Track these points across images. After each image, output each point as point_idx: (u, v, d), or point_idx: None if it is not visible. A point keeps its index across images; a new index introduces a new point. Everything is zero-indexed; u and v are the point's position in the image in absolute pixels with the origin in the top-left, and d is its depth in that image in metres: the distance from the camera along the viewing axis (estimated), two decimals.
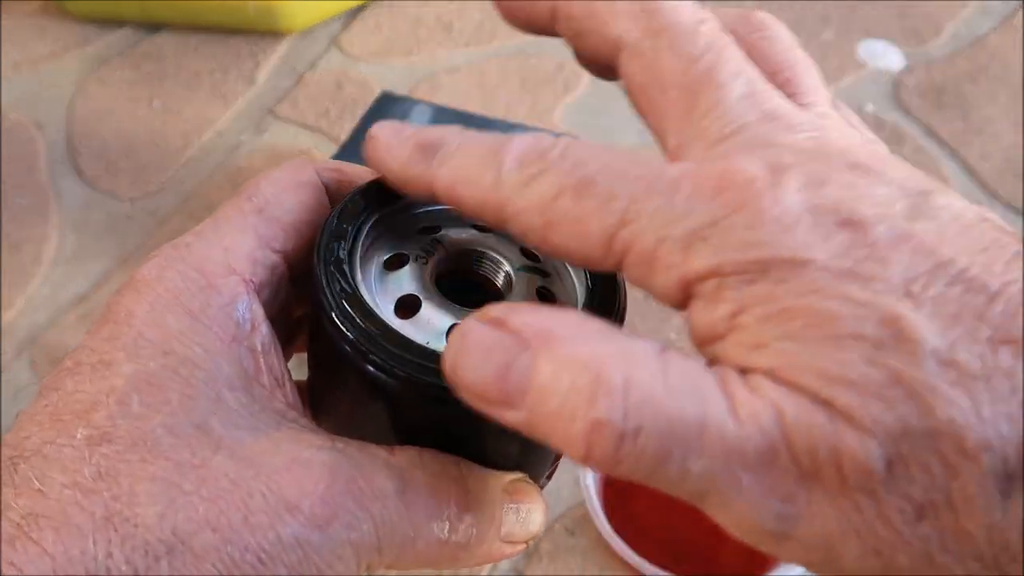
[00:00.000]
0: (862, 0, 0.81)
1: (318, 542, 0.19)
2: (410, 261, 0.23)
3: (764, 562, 0.46)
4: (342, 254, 0.22)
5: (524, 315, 0.18)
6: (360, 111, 0.69)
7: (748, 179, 0.17)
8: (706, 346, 0.18)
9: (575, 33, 0.22)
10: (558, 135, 0.20)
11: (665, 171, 0.18)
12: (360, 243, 0.23)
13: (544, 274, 0.24)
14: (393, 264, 0.24)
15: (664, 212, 0.17)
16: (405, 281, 0.23)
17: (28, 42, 0.80)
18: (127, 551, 0.18)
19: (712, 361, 0.18)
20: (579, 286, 0.24)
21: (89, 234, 0.65)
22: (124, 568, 0.18)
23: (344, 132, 0.70)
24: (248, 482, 0.19)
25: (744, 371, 0.17)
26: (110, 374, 0.20)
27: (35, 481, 0.19)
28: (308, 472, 0.20)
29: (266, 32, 0.79)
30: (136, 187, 0.68)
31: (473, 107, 0.71)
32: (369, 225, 0.24)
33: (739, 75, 0.20)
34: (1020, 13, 0.80)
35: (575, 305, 0.24)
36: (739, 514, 0.17)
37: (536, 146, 0.19)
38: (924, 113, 0.71)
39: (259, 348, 0.22)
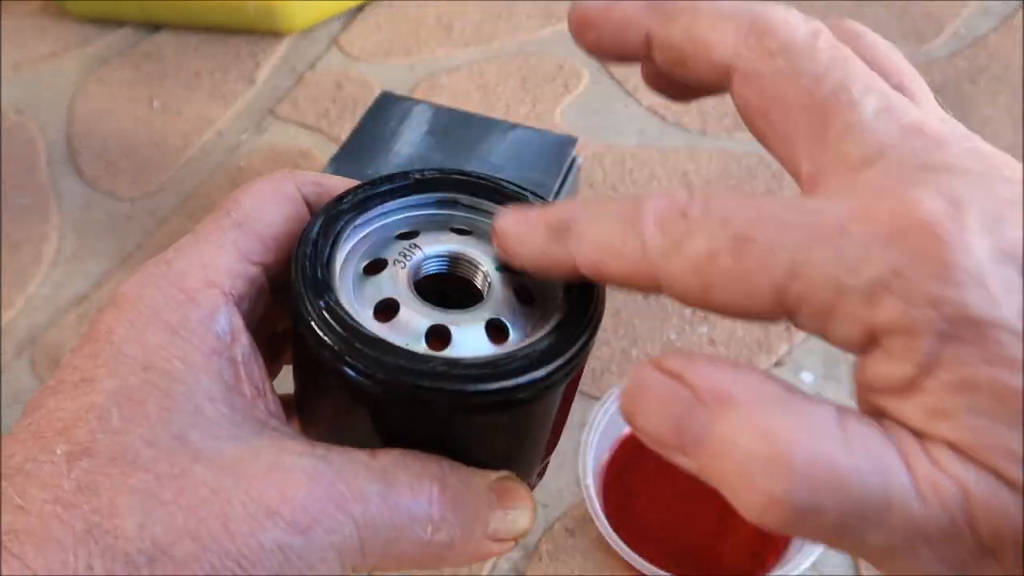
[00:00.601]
0: (862, 0, 0.81)
1: (300, 546, 0.20)
2: (388, 266, 0.24)
3: (764, 562, 0.46)
4: (319, 262, 0.23)
5: (701, 371, 0.17)
6: (360, 111, 0.69)
7: (927, 221, 0.16)
8: (876, 396, 0.18)
9: (675, 61, 0.21)
10: (691, 191, 0.19)
11: (825, 214, 0.17)
12: (338, 251, 0.24)
13: (521, 272, 0.24)
14: (371, 269, 0.24)
15: (837, 262, 0.17)
16: (383, 285, 0.23)
17: (28, 42, 0.80)
18: (107, 563, 0.18)
19: (878, 411, 0.17)
20: (559, 287, 0.24)
21: (89, 234, 0.65)
22: None
23: (344, 132, 0.70)
24: (227, 490, 0.20)
25: (921, 436, 0.16)
26: (91, 391, 0.21)
27: (16, 498, 0.19)
28: (288, 478, 0.20)
29: (266, 32, 0.79)
30: (136, 187, 0.68)
31: (473, 107, 0.71)
32: (347, 233, 0.24)
33: (870, 89, 0.19)
34: (1020, 13, 0.80)
35: (554, 304, 0.24)
36: (908, 572, 0.17)
37: (672, 205, 0.18)
38: None
39: (239, 359, 0.22)
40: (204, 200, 0.66)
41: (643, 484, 0.49)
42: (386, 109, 0.56)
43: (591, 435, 0.47)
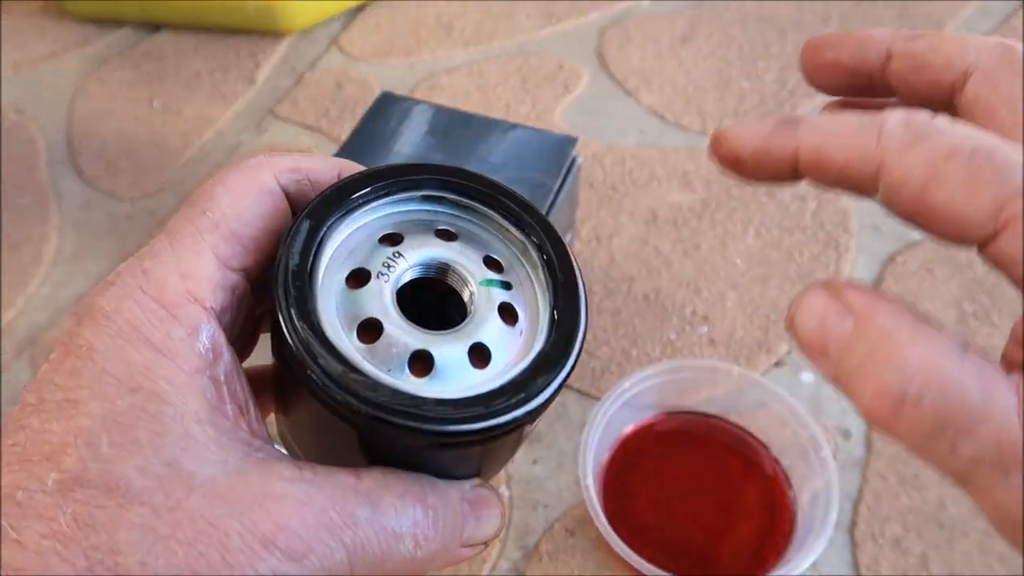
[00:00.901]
0: (862, 0, 0.81)
1: (294, 574, 0.20)
2: (372, 279, 0.23)
3: (764, 562, 0.46)
4: (301, 280, 0.22)
5: (857, 292, 0.19)
6: (360, 111, 0.69)
7: None
8: None
9: (912, 68, 0.23)
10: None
11: None
12: (321, 260, 0.23)
13: (507, 287, 0.24)
14: (355, 281, 0.23)
15: None
16: (367, 302, 0.23)
17: (28, 42, 0.80)
18: None
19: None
20: (542, 302, 0.24)
21: (89, 234, 0.65)
22: None
23: (344, 132, 0.70)
24: (223, 521, 0.20)
25: None
26: (76, 413, 0.20)
27: (12, 531, 0.19)
28: (281, 507, 0.20)
29: (266, 32, 0.79)
30: (136, 187, 0.68)
31: (473, 107, 0.71)
32: (330, 239, 0.23)
33: None
34: (1020, 13, 0.80)
35: (538, 317, 0.24)
36: (998, 503, 0.18)
37: (919, 115, 0.20)
38: None
39: (222, 378, 0.22)
40: None
41: (643, 484, 0.49)
42: (386, 109, 0.56)
43: (591, 436, 0.47)
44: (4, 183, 0.68)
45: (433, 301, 0.24)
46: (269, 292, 0.22)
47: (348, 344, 0.22)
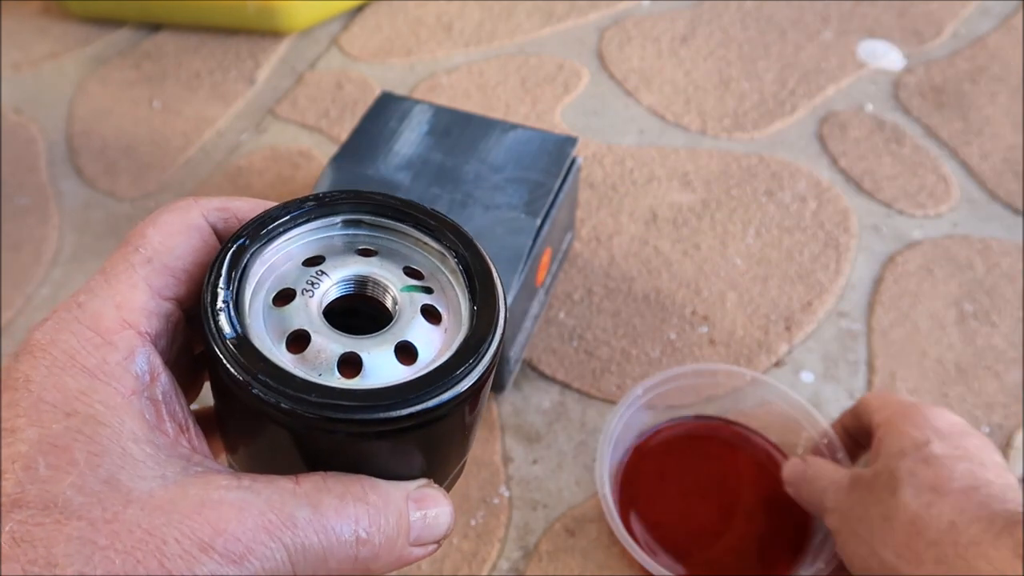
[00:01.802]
0: (862, 0, 0.81)
1: None
2: (297, 295, 0.24)
3: (785, 564, 0.46)
4: (228, 299, 0.23)
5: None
6: (360, 111, 0.69)
7: None
8: None
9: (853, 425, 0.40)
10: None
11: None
12: (247, 283, 0.24)
13: (428, 291, 0.25)
14: (280, 300, 0.24)
15: None
16: (293, 317, 0.24)
17: (28, 42, 0.80)
18: None
19: None
20: (463, 300, 0.25)
21: (89, 234, 0.65)
22: None
23: (344, 132, 0.70)
24: (161, 529, 0.20)
25: None
26: (14, 440, 0.21)
27: None
28: (218, 512, 0.20)
29: (266, 32, 0.79)
30: (136, 187, 0.68)
31: (473, 107, 0.71)
32: (254, 265, 0.24)
33: None
34: (1020, 13, 0.80)
35: (460, 315, 0.25)
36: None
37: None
38: (924, 113, 0.71)
39: (160, 398, 0.23)
40: None
41: (655, 487, 0.49)
42: (386, 109, 0.56)
43: (606, 446, 0.47)
44: (4, 183, 0.68)
45: (360, 315, 0.25)
46: (199, 316, 0.23)
47: (278, 355, 0.23)
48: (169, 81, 0.76)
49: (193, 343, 0.26)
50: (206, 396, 0.26)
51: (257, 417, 0.22)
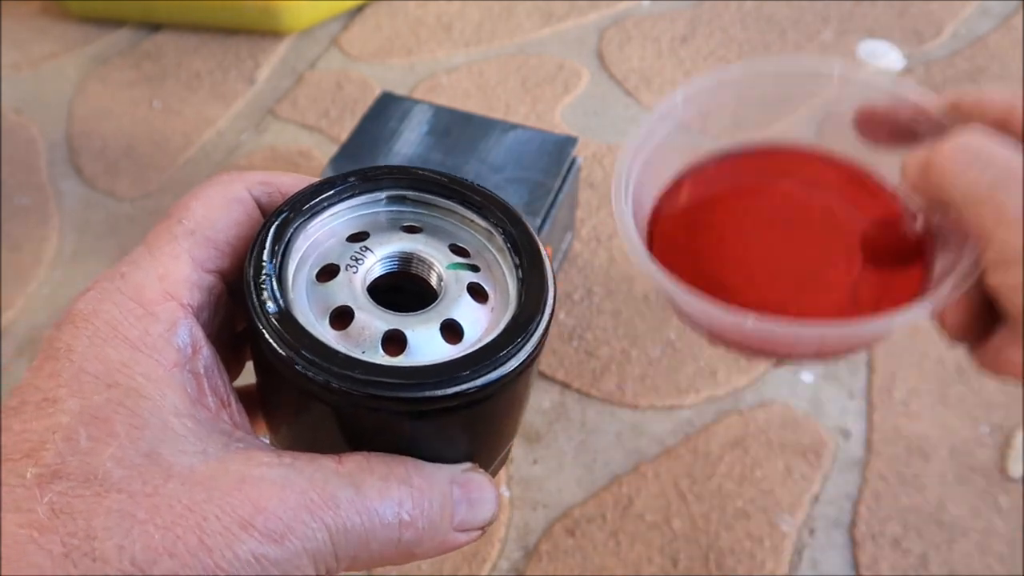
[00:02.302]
0: (862, 0, 0.81)
1: (275, 556, 0.20)
2: (341, 271, 0.24)
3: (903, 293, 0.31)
4: (271, 273, 0.23)
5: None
6: (360, 111, 0.69)
7: None
8: None
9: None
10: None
11: None
12: (290, 258, 0.24)
13: (474, 269, 0.25)
14: (324, 276, 0.24)
15: None
16: (337, 293, 0.23)
17: (28, 42, 0.80)
18: None
19: None
20: (511, 279, 0.24)
21: (89, 234, 0.65)
22: None
23: (344, 132, 0.70)
24: (201, 505, 0.20)
25: None
26: (55, 411, 0.20)
27: None
28: (259, 489, 0.20)
29: (266, 32, 0.79)
30: (136, 187, 0.68)
31: (473, 107, 0.71)
32: (297, 240, 0.24)
33: None
34: (1020, 13, 0.80)
35: (508, 294, 0.24)
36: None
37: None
38: None
39: (202, 371, 0.22)
40: None
41: (706, 220, 0.35)
42: (386, 109, 0.56)
43: (632, 158, 0.33)
44: (4, 183, 0.68)
45: (404, 295, 0.24)
46: (242, 291, 0.22)
47: (321, 331, 0.22)
48: (169, 81, 0.76)
49: (236, 319, 0.26)
50: (248, 376, 0.26)
51: (300, 394, 0.22)
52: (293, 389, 0.22)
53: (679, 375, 0.55)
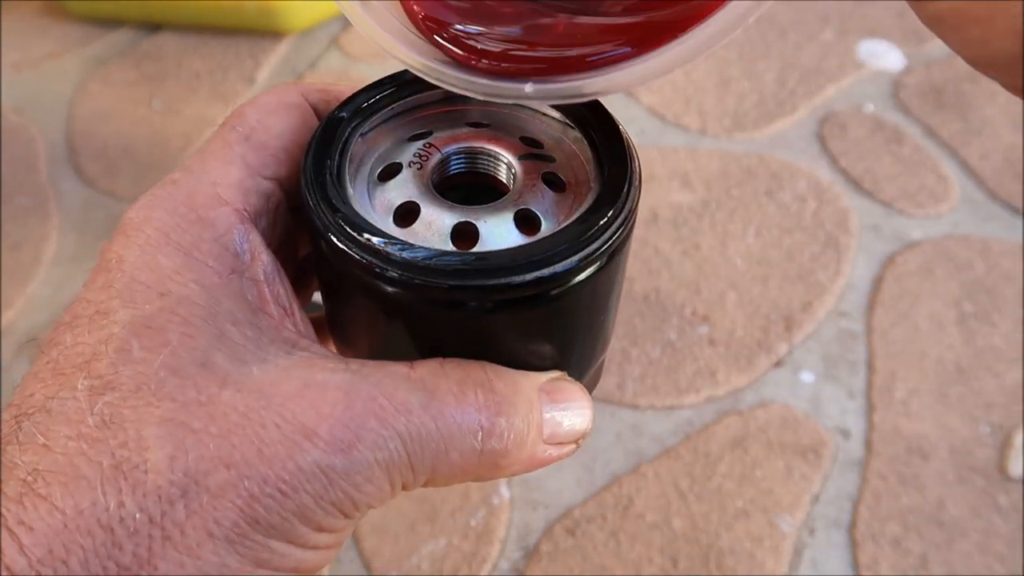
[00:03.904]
0: (862, 0, 0.81)
1: (343, 466, 0.18)
2: (403, 169, 0.22)
3: None
4: (330, 172, 0.21)
5: None
6: None
7: None
8: None
9: None
10: None
11: None
12: (348, 157, 0.22)
13: (549, 160, 0.23)
14: (386, 175, 0.22)
15: None
16: (400, 190, 0.22)
17: (28, 42, 0.80)
18: (139, 498, 0.17)
19: None
20: (590, 169, 0.22)
21: (89, 234, 0.65)
22: (138, 516, 0.17)
23: None
24: (259, 413, 0.18)
25: None
26: (107, 322, 0.20)
27: (40, 436, 0.18)
28: (323, 395, 0.19)
29: (266, 32, 0.79)
30: (136, 187, 0.68)
31: None
32: (357, 138, 0.23)
33: None
34: None
35: (586, 188, 0.22)
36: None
37: None
38: (924, 113, 0.71)
39: (262, 278, 0.21)
40: None
41: None
42: None
43: None
44: (4, 183, 0.68)
45: (474, 194, 0.22)
46: (301, 197, 0.21)
47: (384, 225, 0.21)
48: (169, 81, 0.76)
49: (299, 242, 0.24)
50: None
51: (365, 295, 0.20)
52: (358, 290, 0.20)
53: (679, 375, 0.55)
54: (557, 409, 0.22)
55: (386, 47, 0.21)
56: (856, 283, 0.60)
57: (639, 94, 0.73)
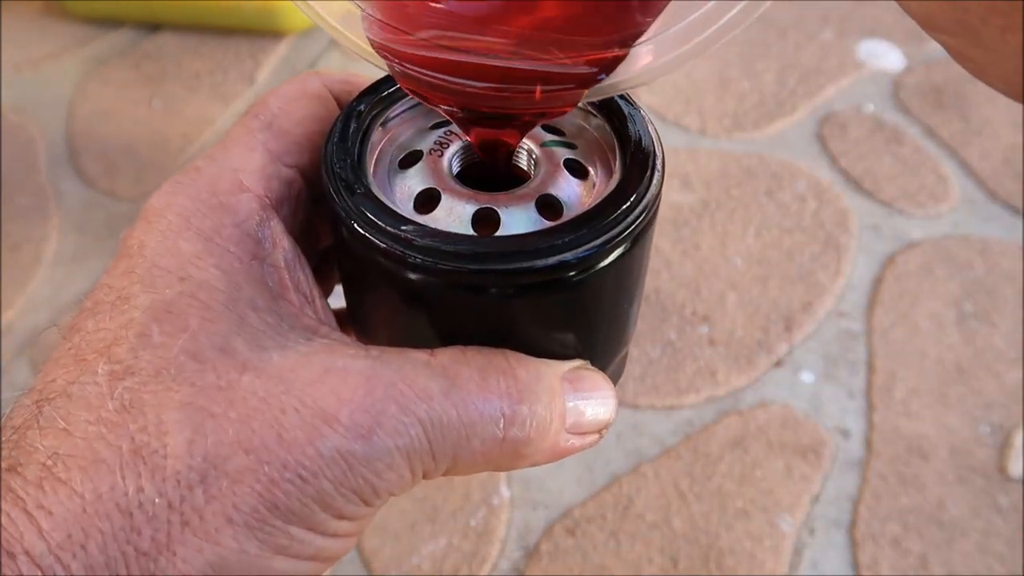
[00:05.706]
0: (862, 0, 0.81)
1: (363, 453, 0.18)
2: (424, 157, 0.22)
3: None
4: (350, 160, 0.21)
5: None
6: None
7: None
8: None
9: None
10: None
11: None
12: (369, 145, 0.22)
13: (570, 147, 0.23)
14: (407, 162, 0.22)
15: None
16: (421, 177, 0.22)
17: (28, 42, 0.80)
18: (158, 483, 0.17)
19: None
20: (612, 156, 0.22)
21: (89, 234, 0.65)
22: (157, 501, 0.17)
23: None
24: (279, 398, 0.18)
25: None
26: (128, 308, 0.20)
27: (60, 421, 0.18)
28: (344, 381, 0.19)
29: (266, 32, 0.79)
30: (136, 187, 0.68)
31: None
32: (378, 126, 0.23)
33: None
34: None
35: (609, 174, 0.22)
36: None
37: None
38: (924, 113, 0.71)
39: (283, 264, 0.21)
40: None
41: None
42: None
43: None
44: (4, 183, 0.68)
45: (495, 182, 0.22)
46: (321, 180, 0.21)
47: (405, 211, 0.21)
48: (169, 81, 0.76)
49: (321, 233, 0.24)
50: (338, 301, 0.25)
51: (386, 282, 0.20)
52: (379, 277, 0.20)
53: (679, 375, 0.55)
54: (580, 398, 0.21)
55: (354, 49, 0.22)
56: (856, 283, 0.60)
57: (639, 94, 0.73)
